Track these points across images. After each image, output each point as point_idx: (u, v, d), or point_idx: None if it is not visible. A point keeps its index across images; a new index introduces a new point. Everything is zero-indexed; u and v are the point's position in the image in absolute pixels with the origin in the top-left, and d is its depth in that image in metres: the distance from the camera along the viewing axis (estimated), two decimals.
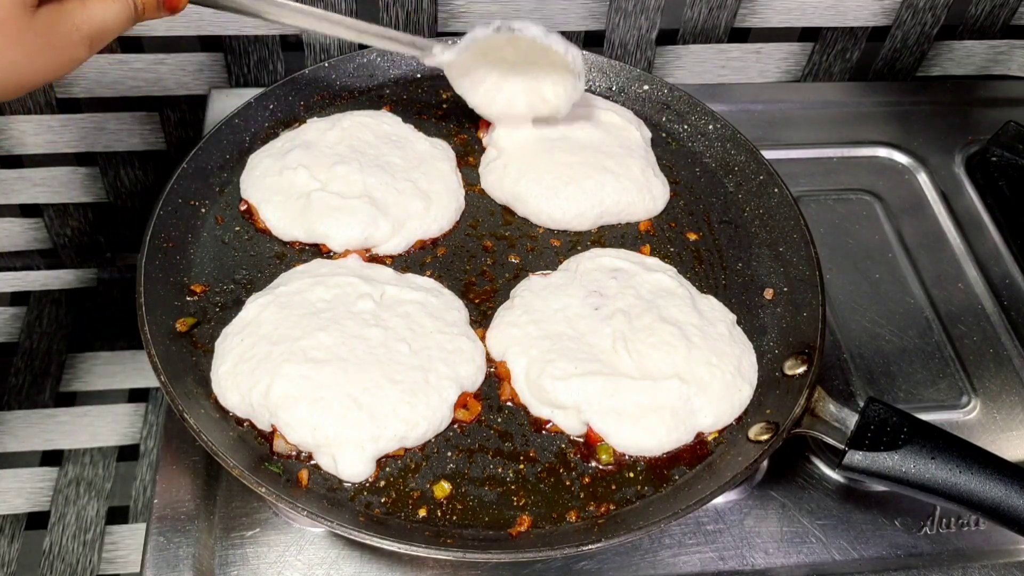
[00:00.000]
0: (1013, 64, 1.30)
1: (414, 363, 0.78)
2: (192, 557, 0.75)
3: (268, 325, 0.79)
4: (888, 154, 1.15)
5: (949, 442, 0.73)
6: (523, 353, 0.81)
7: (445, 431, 0.78)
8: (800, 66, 1.25)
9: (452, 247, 0.92)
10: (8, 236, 1.25)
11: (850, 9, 1.18)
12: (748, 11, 1.17)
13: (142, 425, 1.16)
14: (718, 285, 0.91)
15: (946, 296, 1.01)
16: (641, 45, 1.18)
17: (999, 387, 0.94)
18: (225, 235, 0.89)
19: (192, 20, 1.08)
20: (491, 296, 0.88)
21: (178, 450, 0.81)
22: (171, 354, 0.77)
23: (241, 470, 0.69)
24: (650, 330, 0.82)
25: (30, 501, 1.10)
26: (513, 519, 0.73)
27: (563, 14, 1.14)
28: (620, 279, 0.87)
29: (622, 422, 0.77)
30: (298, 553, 0.76)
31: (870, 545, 0.82)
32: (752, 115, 1.16)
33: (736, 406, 0.81)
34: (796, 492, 0.84)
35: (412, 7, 1.10)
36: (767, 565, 0.79)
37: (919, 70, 1.29)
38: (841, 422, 0.76)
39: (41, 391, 1.18)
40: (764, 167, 0.98)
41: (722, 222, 0.97)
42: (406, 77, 1.07)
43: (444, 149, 0.99)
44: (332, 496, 0.73)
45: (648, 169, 0.98)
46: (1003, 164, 1.13)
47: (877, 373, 0.94)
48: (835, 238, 1.05)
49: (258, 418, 0.75)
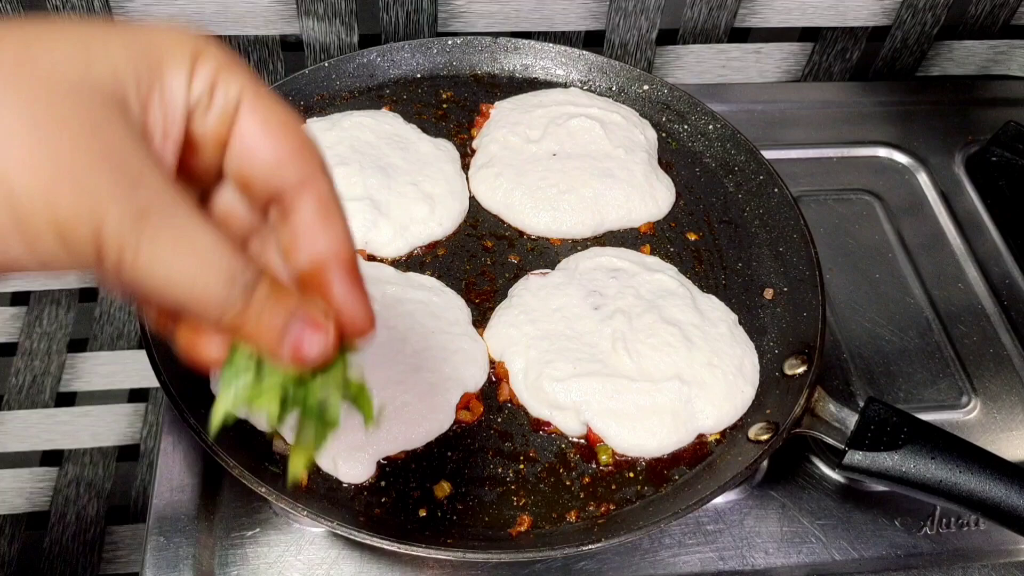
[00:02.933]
0: (1013, 64, 1.30)
1: (415, 364, 0.78)
2: (192, 557, 0.75)
3: None
4: (888, 154, 1.15)
5: (949, 442, 0.73)
6: (521, 354, 0.81)
7: (446, 432, 0.78)
8: (800, 66, 1.25)
9: (452, 247, 0.92)
10: None
11: (850, 9, 1.18)
12: (748, 11, 1.17)
13: (142, 425, 1.15)
14: (718, 285, 0.91)
15: (946, 296, 1.01)
16: (641, 45, 1.18)
17: (999, 387, 0.94)
18: None
19: (192, 20, 1.08)
20: (491, 296, 0.88)
21: (178, 450, 0.81)
22: (171, 354, 0.77)
23: (241, 470, 0.69)
24: (650, 330, 0.82)
25: (30, 501, 1.10)
26: (513, 519, 0.73)
27: (563, 14, 1.14)
28: (620, 279, 0.87)
29: (622, 424, 0.77)
30: (298, 553, 0.76)
31: (870, 545, 0.82)
32: (752, 115, 1.16)
33: (738, 407, 0.80)
34: (796, 492, 0.84)
35: (412, 7, 1.10)
36: (767, 565, 0.79)
37: (919, 70, 1.29)
38: (841, 422, 0.76)
39: (41, 391, 1.18)
40: (764, 167, 0.98)
41: (722, 222, 0.97)
42: (406, 77, 1.07)
43: (448, 150, 0.98)
44: (332, 496, 0.73)
45: (652, 173, 0.97)
46: (1003, 164, 1.13)
47: (877, 373, 0.93)
48: (835, 238, 1.05)
49: (257, 418, 0.75)
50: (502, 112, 1.02)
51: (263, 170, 0.44)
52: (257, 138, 0.43)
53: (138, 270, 0.38)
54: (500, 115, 1.01)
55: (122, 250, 0.37)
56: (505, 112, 1.02)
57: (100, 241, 0.37)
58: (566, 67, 1.08)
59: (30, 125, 0.36)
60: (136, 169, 0.38)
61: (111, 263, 0.37)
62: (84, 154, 0.36)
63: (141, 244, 0.37)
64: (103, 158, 0.37)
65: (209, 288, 0.40)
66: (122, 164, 0.37)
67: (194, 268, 0.39)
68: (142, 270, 0.38)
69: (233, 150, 0.44)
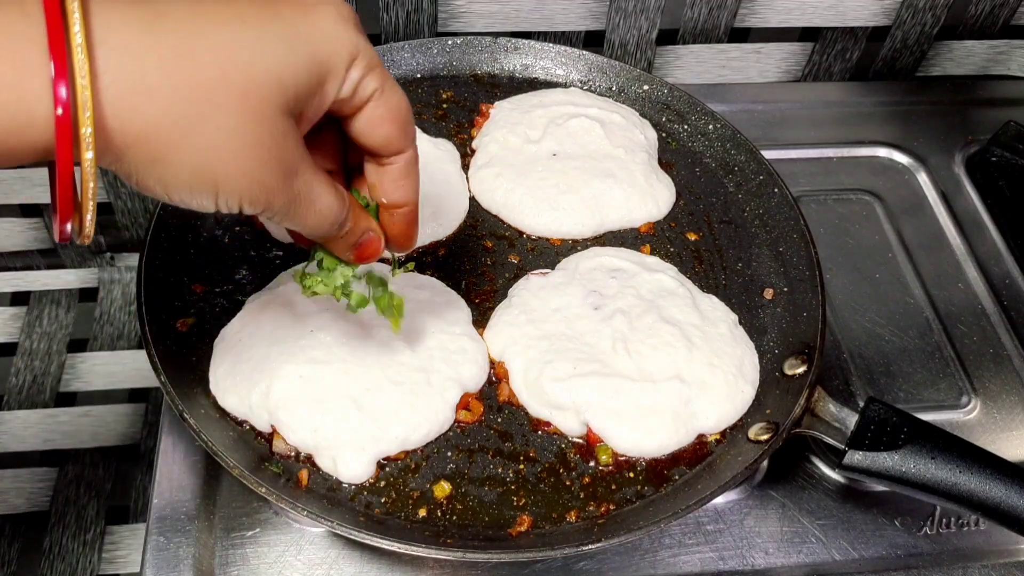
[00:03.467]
0: (1013, 64, 1.30)
1: (416, 364, 0.78)
2: (192, 557, 0.75)
3: (268, 325, 0.79)
4: (888, 154, 1.15)
5: (949, 442, 0.73)
6: (521, 354, 0.81)
7: (446, 432, 0.78)
8: (800, 66, 1.25)
9: (452, 247, 0.92)
10: (8, 236, 1.25)
11: (850, 9, 1.18)
12: (748, 11, 1.17)
13: (142, 425, 1.16)
14: (718, 285, 0.91)
15: (946, 296, 1.01)
16: (641, 45, 1.18)
17: (999, 387, 0.94)
18: (225, 235, 0.89)
19: None
20: (491, 296, 0.88)
21: (178, 450, 0.81)
22: (171, 354, 0.77)
23: (241, 470, 0.69)
24: (650, 330, 0.82)
25: (30, 501, 1.10)
26: (513, 519, 0.73)
27: (563, 14, 1.14)
28: (620, 279, 0.87)
29: (622, 424, 0.77)
30: (298, 553, 0.76)
31: (870, 545, 0.82)
32: (752, 115, 1.16)
33: (738, 408, 0.80)
34: (796, 492, 0.84)
35: (412, 7, 1.10)
36: (767, 565, 0.79)
37: (919, 70, 1.29)
38: (841, 422, 0.76)
39: (41, 391, 1.18)
40: (764, 167, 0.98)
41: (722, 222, 0.97)
42: (406, 77, 1.07)
43: (449, 150, 0.98)
44: (332, 496, 0.73)
45: (652, 173, 0.97)
46: (1003, 164, 1.13)
47: (877, 373, 0.94)
48: (835, 238, 1.05)
49: (257, 419, 0.75)
50: (502, 112, 1.02)
51: (377, 139, 0.60)
52: (380, 121, 0.58)
53: (283, 224, 0.57)
54: (500, 115, 1.01)
55: (279, 217, 0.56)
56: (505, 112, 1.02)
57: (266, 212, 0.54)
58: (566, 67, 1.08)
59: (236, 138, 0.50)
60: (293, 164, 0.54)
61: (268, 219, 0.56)
62: (264, 161, 0.52)
63: (289, 213, 0.55)
64: (277, 162, 0.52)
65: (322, 229, 0.59)
66: (286, 162, 0.53)
67: (317, 221, 0.58)
68: (286, 224, 0.57)
69: (359, 123, 0.58)
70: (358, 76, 0.55)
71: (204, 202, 0.52)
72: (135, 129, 0.48)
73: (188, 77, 0.48)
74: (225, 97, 0.49)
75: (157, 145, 0.48)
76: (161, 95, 0.48)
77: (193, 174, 0.50)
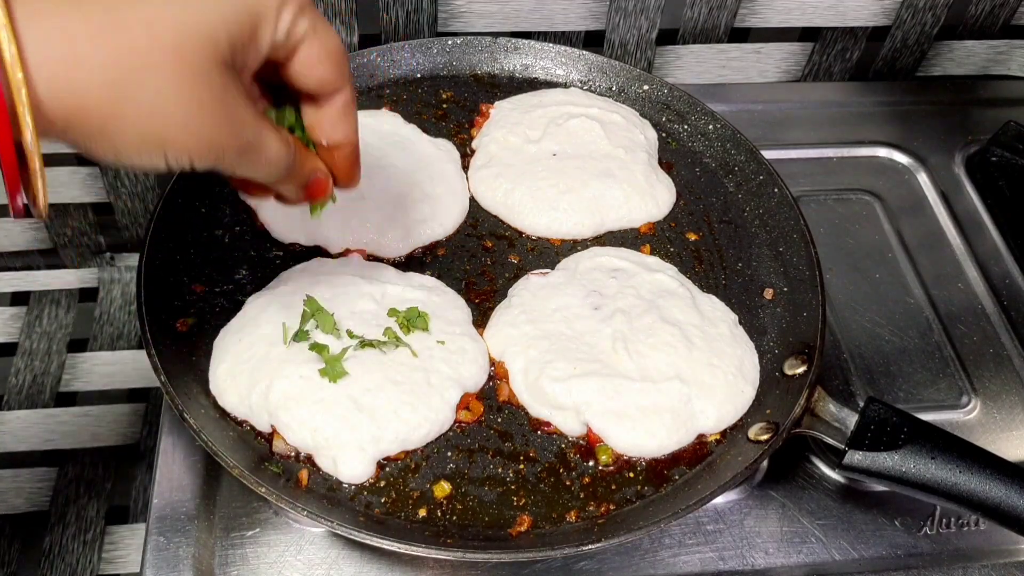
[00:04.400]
0: (1013, 64, 1.30)
1: (416, 364, 0.78)
2: (192, 557, 0.75)
3: (268, 325, 0.79)
4: (888, 154, 1.15)
5: (949, 442, 0.73)
6: (521, 354, 0.81)
7: (446, 432, 0.78)
8: (800, 66, 1.25)
9: (452, 247, 0.92)
10: (8, 236, 1.25)
11: (850, 9, 1.18)
12: (748, 11, 1.17)
13: (142, 425, 1.15)
14: (718, 285, 0.91)
15: (946, 296, 1.01)
16: (641, 45, 1.18)
17: (999, 387, 0.94)
18: (225, 235, 0.89)
19: None
20: (491, 296, 0.88)
21: (178, 450, 0.81)
22: (171, 354, 0.77)
23: (241, 470, 0.69)
24: (650, 330, 0.82)
25: (30, 501, 1.10)
26: (513, 519, 0.73)
27: (563, 14, 1.14)
28: (620, 279, 0.87)
29: (622, 424, 0.77)
30: (298, 553, 0.76)
31: (870, 545, 0.82)
32: (752, 115, 1.16)
33: (738, 408, 0.80)
34: (796, 492, 0.84)
35: (412, 7, 1.10)
36: (767, 565, 0.79)
37: (919, 70, 1.29)
38: (841, 422, 0.76)
39: (41, 391, 1.18)
40: (764, 167, 0.98)
41: (722, 222, 0.97)
42: (406, 77, 1.07)
43: (448, 150, 0.98)
44: (332, 496, 0.73)
45: (652, 173, 0.97)
46: (1003, 164, 1.13)
47: (877, 373, 0.94)
48: (835, 238, 1.05)
49: (257, 419, 0.75)
50: (502, 112, 1.02)
51: (313, 80, 0.61)
52: (314, 60, 0.60)
53: (235, 174, 0.59)
54: (500, 115, 1.01)
55: (230, 168, 0.57)
56: (505, 112, 1.02)
57: (217, 164, 0.55)
58: (566, 67, 1.08)
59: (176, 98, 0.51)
60: (240, 117, 0.55)
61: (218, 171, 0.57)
62: (208, 117, 0.53)
63: (240, 164, 0.57)
64: (222, 116, 0.53)
65: (272, 175, 0.61)
66: (233, 116, 0.54)
67: (268, 168, 0.60)
68: (237, 174, 0.59)
69: (295, 65, 0.60)
70: (290, 18, 0.56)
71: (155, 163, 0.53)
72: (73, 103, 0.49)
73: (118, 45, 0.49)
74: (159, 59, 0.50)
75: (99, 115, 0.49)
76: (93, 66, 0.48)
77: (139, 139, 0.51)
